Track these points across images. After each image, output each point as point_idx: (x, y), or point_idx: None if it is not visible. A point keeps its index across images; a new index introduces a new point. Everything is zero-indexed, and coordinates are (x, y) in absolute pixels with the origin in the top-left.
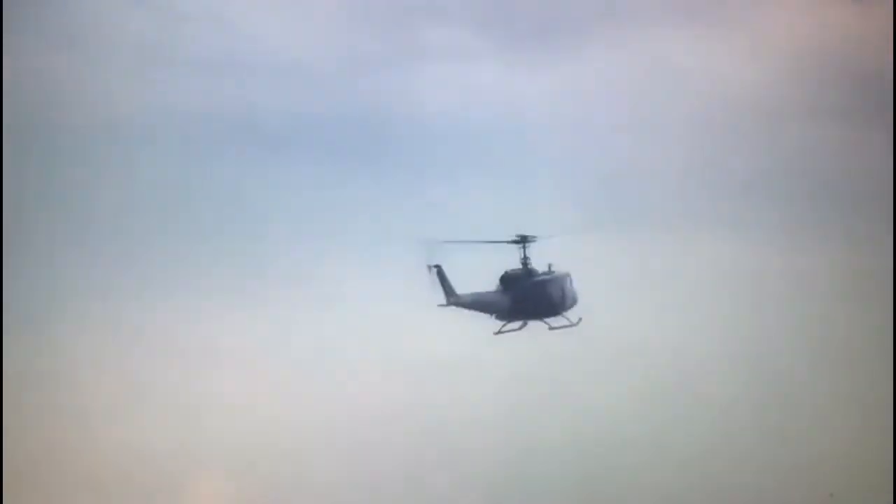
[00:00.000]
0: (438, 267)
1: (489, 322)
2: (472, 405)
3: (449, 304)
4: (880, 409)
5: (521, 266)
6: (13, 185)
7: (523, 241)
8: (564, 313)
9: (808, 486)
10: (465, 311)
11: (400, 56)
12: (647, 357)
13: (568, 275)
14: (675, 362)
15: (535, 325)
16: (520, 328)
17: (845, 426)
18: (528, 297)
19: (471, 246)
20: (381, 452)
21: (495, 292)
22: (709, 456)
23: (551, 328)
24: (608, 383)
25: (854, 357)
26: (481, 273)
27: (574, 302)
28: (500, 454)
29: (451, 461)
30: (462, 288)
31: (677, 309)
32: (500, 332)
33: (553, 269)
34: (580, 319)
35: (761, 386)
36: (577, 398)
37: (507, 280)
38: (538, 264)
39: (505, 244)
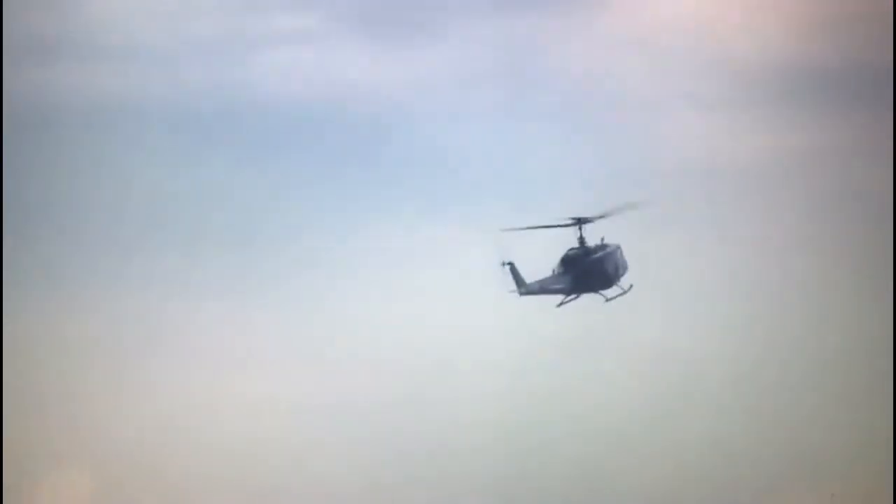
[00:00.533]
0: (511, 264)
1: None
2: (474, 403)
3: (521, 294)
4: (880, 409)
5: (578, 245)
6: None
7: (579, 222)
8: (618, 283)
9: (808, 487)
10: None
11: (244, 40)
12: (647, 357)
13: (618, 247)
14: (675, 362)
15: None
16: (574, 299)
17: (845, 426)
18: (587, 274)
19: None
20: (382, 450)
21: (558, 275)
22: (710, 456)
23: (608, 300)
24: (609, 382)
25: (854, 357)
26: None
27: (625, 270)
28: (502, 453)
29: (451, 459)
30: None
31: (677, 309)
32: (561, 304)
33: (605, 241)
34: (631, 286)
35: (762, 386)
36: (579, 398)
37: (568, 261)
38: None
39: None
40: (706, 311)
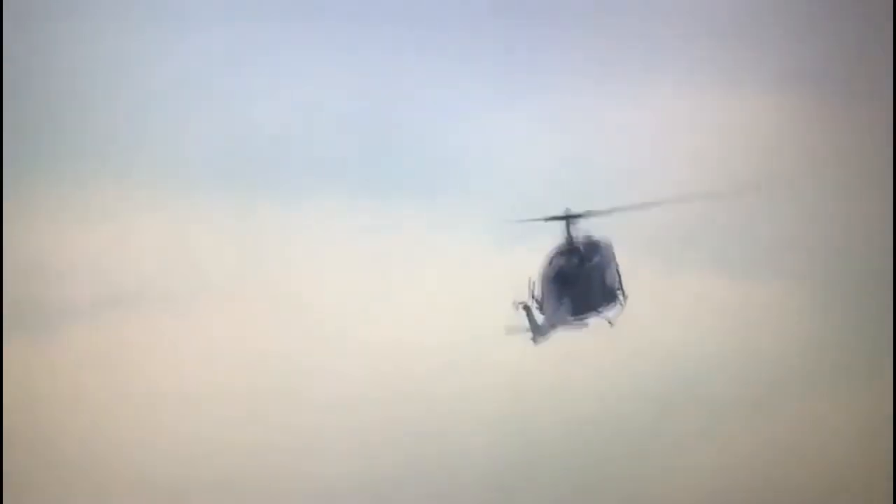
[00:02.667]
0: (527, 308)
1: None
2: (474, 405)
3: (536, 342)
4: (880, 408)
5: (567, 249)
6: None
7: (567, 218)
8: (620, 292)
9: (808, 486)
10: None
11: None
12: (646, 357)
13: (610, 244)
14: (674, 363)
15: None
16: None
17: (845, 426)
18: (586, 289)
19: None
20: (383, 451)
21: (560, 309)
22: (709, 456)
23: (611, 324)
24: (608, 384)
25: (854, 357)
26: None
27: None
28: (502, 455)
29: (451, 462)
30: None
31: (677, 310)
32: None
33: (594, 238)
34: (626, 297)
35: (761, 386)
36: (578, 399)
37: (561, 278)
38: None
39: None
40: (703, 312)
